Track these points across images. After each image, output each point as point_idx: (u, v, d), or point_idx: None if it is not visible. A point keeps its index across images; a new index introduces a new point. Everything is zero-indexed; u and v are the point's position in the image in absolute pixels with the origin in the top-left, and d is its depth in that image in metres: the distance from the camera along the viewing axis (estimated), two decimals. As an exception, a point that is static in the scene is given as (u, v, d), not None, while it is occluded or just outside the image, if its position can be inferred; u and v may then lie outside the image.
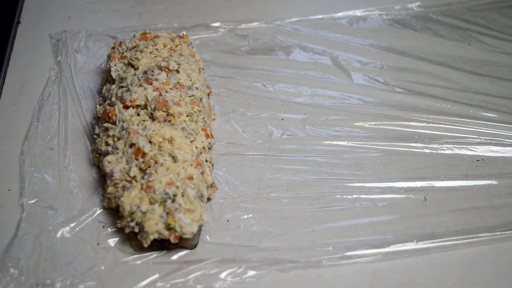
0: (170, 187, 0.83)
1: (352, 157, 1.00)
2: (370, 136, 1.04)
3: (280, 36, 1.28)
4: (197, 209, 0.82)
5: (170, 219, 0.80)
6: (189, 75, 1.00)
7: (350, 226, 0.89)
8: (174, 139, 0.88)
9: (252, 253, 0.84)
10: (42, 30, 1.26)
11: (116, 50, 1.09)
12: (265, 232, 0.87)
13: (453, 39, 1.28)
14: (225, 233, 0.87)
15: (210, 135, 0.99)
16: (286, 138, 1.04)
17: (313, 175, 0.97)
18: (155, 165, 0.85)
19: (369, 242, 0.86)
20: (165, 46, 1.06)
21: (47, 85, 1.12)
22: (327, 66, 1.20)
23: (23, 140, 1.01)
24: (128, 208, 0.83)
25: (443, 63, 1.21)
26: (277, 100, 1.12)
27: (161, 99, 0.92)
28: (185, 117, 0.93)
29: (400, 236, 0.87)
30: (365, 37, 1.28)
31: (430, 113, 1.08)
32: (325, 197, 0.93)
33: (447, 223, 0.89)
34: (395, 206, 0.92)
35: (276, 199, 0.93)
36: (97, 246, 0.85)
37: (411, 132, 1.05)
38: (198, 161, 0.89)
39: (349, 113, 1.09)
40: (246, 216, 0.90)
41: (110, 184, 0.88)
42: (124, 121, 0.92)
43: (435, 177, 0.96)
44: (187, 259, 0.83)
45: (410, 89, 1.14)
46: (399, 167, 0.98)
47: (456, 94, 1.13)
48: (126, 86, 0.97)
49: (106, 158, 0.90)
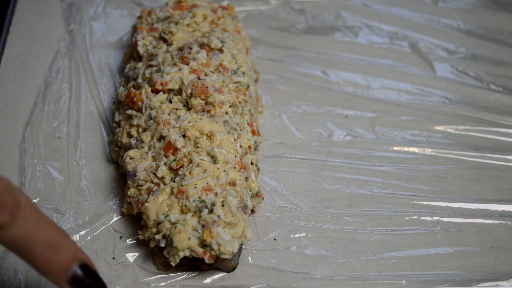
0: (207, 193, 0.83)
1: (432, 169, 1.00)
2: (457, 144, 1.03)
3: (345, 12, 1.28)
4: (239, 222, 0.83)
5: (206, 233, 0.80)
6: (234, 56, 1.00)
7: (428, 256, 0.88)
8: (214, 135, 0.89)
9: (303, 282, 0.84)
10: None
11: (144, 20, 1.10)
12: (321, 256, 0.87)
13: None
14: (271, 254, 0.87)
15: (256, 132, 0.99)
16: (350, 140, 1.04)
17: (383, 189, 0.97)
18: (190, 165, 0.86)
19: (452, 277, 0.85)
20: (205, 18, 1.06)
21: (56, 58, 1.14)
22: (404, 53, 1.20)
23: (25, 125, 1.03)
24: (154, 217, 0.83)
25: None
26: (340, 92, 1.12)
27: (200, 83, 0.93)
28: (228, 108, 0.94)
29: (491, 273, 0.86)
30: (453, 18, 1.27)
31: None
32: (398, 217, 0.93)
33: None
34: (486, 234, 0.91)
35: (336, 216, 0.93)
36: (113, 260, 0.86)
37: (509, 142, 1.04)
38: (242, 163, 0.89)
39: (430, 113, 1.08)
40: (298, 235, 0.90)
41: (132, 186, 0.89)
42: (153, 108, 0.93)
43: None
44: (223, 284, 0.84)
45: (509, 87, 1.13)
46: (493, 185, 0.97)
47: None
48: (157, 65, 0.98)
49: (127, 153, 0.91)
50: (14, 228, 0.61)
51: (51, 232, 0.65)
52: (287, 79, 1.14)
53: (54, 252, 0.65)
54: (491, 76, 1.15)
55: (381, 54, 1.20)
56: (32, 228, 0.63)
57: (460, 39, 1.23)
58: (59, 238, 0.66)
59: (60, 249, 0.65)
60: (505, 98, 1.11)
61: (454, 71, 1.17)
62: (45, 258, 0.64)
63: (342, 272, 0.86)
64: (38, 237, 0.63)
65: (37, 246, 0.64)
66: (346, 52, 1.20)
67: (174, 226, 0.81)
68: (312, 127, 1.05)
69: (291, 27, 1.25)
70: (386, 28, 1.25)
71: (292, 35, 1.23)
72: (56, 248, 0.65)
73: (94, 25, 1.22)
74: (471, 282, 0.85)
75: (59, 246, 0.65)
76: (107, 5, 1.26)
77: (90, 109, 1.06)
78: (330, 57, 1.19)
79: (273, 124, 1.06)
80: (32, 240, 0.63)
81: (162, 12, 1.09)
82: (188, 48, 0.99)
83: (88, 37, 1.18)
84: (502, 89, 1.13)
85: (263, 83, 1.12)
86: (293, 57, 1.18)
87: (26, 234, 0.62)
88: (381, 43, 1.23)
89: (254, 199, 0.90)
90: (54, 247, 0.65)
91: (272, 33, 1.23)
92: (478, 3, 1.31)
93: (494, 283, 0.85)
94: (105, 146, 1.00)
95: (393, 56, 1.19)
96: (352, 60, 1.18)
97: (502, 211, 0.94)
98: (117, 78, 1.11)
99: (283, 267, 0.86)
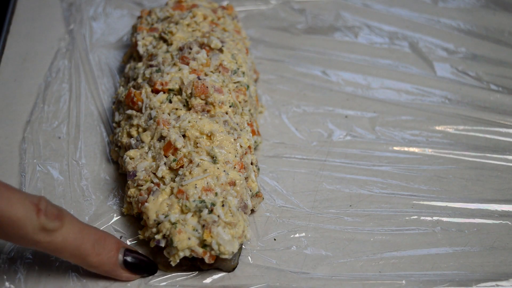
0: (207, 193, 0.83)
1: (432, 169, 1.00)
2: (457, 144, 1.04)
3: (345, 12, 1.28)
4: (239, 222, 0.83)
5: (206, 233, 0.80)
6: (234, 56, 1.00)
7: (428, 256, 0.88)
8: (214, 135, 0.89)
9: (303, 282, 0.84)
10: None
11: (144, 20, 1.10)
12: (321, 256, 0.87)
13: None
14: (271, 254, 0.87)
15: (256, 132, 0.99)
16: (350, 140, 1.04)
17: (383, 189, 0.97)
18: (190, 165, 0.86)
19: (452, 277, 0.85)
20: (205, 18, 1.06)
21: (56, 58, 1.14)
22: (404, 53, 1.20)
23: (25, 124, 1.03)
24: (154, 217, 0.83)
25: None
26: (340, 92, 1.12)
27: (200, 83, 0.93)
28: (228, 108, 0.94)
29: (491, 273, 0.86)
30: (453, 18, 1.27)
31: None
32: (398, 217, 0.93)
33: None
34: (487, 234, 0.91)
35: (336, 216, 0.93)
36: (113, 261, 0.86)
37: (509, 142, 1.04)
38: (242, 163, 0.89)
39: (430, 113, 1.09)
40: (298, 235, 0.90)
41: (132, 186, 0.89)
42: (153, 108, 0.93)
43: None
44: (223, 284, 0.84)
45: (509, 87, 1.13)
46: (493, 185, 0.97)
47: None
48: (157, 65, 0.98)
49: (127, 153, 0.91)
50: (64, 231, 0.72)
51: (93, 230, 0.77)
52: (287, 79, 1.14)
53: (101, 245, 0.77)
54: (491, 76, 1.15)
55: (381, 54, 1.20)
56: (78, 228, 0.74)
57: (460, 39, 1.23)
58: (100, 233, 0.78)
59: (105, 242, 0.78)
60: (505, 98, 1.11)
61: (454, 71, 1.17)
62: (96, 252, 0.76)
63: (342, 272, 0.86)
64: (85, 235, 0.75)
65: (86, 243, 0.75)
66: (346, 52, 1.20)
67: (174, 226, 0.81)
68: (312, 127, 1.05)
69: (291, 27, 1.25)
70: (386, 28, 1.25)
71: (292, 35, 1.23)
72: (102, 241, 0.77)
73: (94, 25, 1.22)
74: (471, 282, 0.84)
75: (104, 239, 0.78)
76: (107, 5, 1.26)
77: (90, 109, 1.06)
78: (330, 57, 1.19)
79: (273, 124, 1.06)
80: (82, 238, 0.74)
81: (162, 12, 1.10)
82: (188, 48, 0.99)
83: (88, 37, 1.19)
84: (502, 89, 1.13)
85: (263, 83, 1.13)
86: (293, 57, 1.18)
87: (75, 235, 0.74)
88: (381, 43, 1.23)
89: (254, 199, 0.90)
90: (100, 240, 0.77)
91: (272, 33, 1.23)
92: (478, 3, 1.31)
93: (494, 283, 0.85)
94: (105, 146, 1.00)
95: (393, 56, 1.19)
96: (352, 60, 1.18)
97: (502, 211, 0.94)
98: (117, 78, 1.11)
99: (283, 267, 0.86)
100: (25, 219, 0.69)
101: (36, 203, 0.70)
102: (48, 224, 0.70)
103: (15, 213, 0.68)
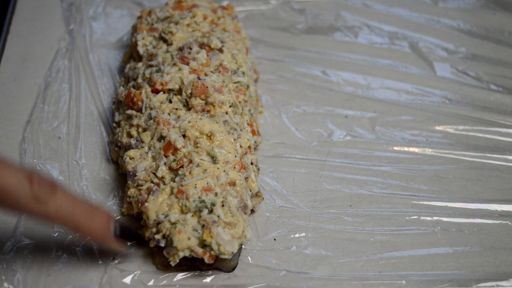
0: (207, 193, 0.83)
1: (432, 169, 1.00)
2: (457, 144, 1.04)
3: (345, 12, 1.28)
4: (239, 223, 0.83)
5: (206, 233, 0.81)
6: (234, 56, 1.00)
7: (428, 256, 0.88)
8: (214, 135, 0.89)
9: (303, 282, 0.84)
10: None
11: (143, 20, 1.10)
12: (321, 256, 0.87)
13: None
14: (271, 254, 0.87)
15: (256, 132, 0.99)
16: (350, 140, 1.04)
17: (383, 189, 0.97)
18: (190, 165, 0.86)
19: (452, 277, 0.85)
20: (205, 18, 1.06)
21: (56, 58, 1.14)
22: (404, 53, 1.20)
23: (25, 124, 1.03)
24: (154, 217, 0.83)
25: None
26: (340, 92, 1.12)
27: (200, 83, 0.93)
28: (228, 108, 0.94)
29: (491, 273, 0.86)
30: (453, 18, 1.27)
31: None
32: (398, 217, 0.93)
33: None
34: (487, 234, 0.91)
35: (336, 216, 0.93)
36: (112, 260, 0.85)
37: (509, 142, 1.04)
38: (242, 163, 0.89)
39: (430, 113, 1.08)
40: (297, 235, 0.90)
41: (132, 186, 0.89)
42: (153, 108, 0.93)
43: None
44: (223, 284, 0.83)
45: (509, 87, 1.13)
46: (493, 185, 0.97)
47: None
48: (157, 65, 0.98)
49: (127, 153, 0.91)
50: (57, 201, 0.73)
51: (85, 202, 0.78)
52: (287, 79, 1.14)
53: (93, 216, 0.78)
54: (491, 76, 1.15)
55: (381, 54, 1.20)
56: (71, 200, 0.75)
57: (460, 39, 1.23)
58: (92, 206, 0.79)
59: (97, 214, 0.78)
60: (505, 98, 1.11)
61: (454, 71, 1.17)
62: (88, 223, 0.77)
63: (342, 272, 0.85)
64: (78, 207, 0.76)
65: (79, 214, 0.76)
66: (346, 52, 1.20)
67: (174, 226, 0.81)
68: (312, 127, 1.05)
69: (291, 27, 1.25)
70: (386, 28, 1.25)
71: (292, 35, 1.23)
72: (94, 213, 0.78)
73: (94, 25, 1.22)
74: (471, 282, 0.84)
75: (95, 211, 0.78)
76: (107, 5, 1.26)
77: (90, 109, 1.06)
78: (330, 57, 1.19)
79: (273, 124, 1.06)
80: (74, 209, 0.75)
81: (162, 12, 1.10)
82: (188, 48, 0.99)
83: (88, 37, 1.19)
84: (502, 89, 1.13)
85: (263, 83, 1.12)
86: (293, 57, 1.18)
87: (68, 206, 0.74)
88: (381, 43, 1.23)
89: (254, 199, 0.90)
90: (93, 212, 0.78)
91: (272, 33, 1.23)
92: (478, 3, 1.31)
93: (494, 283, 0.85)
94: (105, 146, 1.00)
95: (393, 56, 1.19)
96: (352, 60, 1.18)
97: (502, 211, 0.94)
98: (117, 78, 1.11)
99: (283, 267, 0.86)
100: (17, 189, 0.70)
101: (28, 174, 0.71)
102: (41, 194, 0.71)
103: (7, 182, 0.69)
